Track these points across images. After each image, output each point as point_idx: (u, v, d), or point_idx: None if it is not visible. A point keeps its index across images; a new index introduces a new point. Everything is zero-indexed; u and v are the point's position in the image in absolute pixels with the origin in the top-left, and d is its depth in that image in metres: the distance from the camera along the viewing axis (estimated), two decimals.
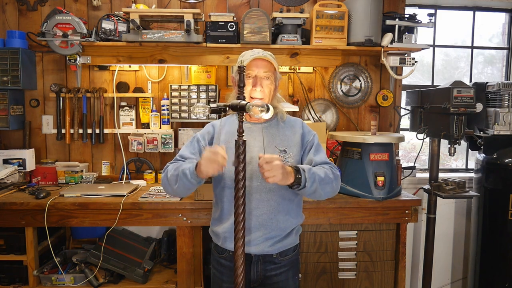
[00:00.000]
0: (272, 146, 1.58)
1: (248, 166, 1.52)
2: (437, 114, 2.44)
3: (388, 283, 2.37)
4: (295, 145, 1.61)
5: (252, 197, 1.55)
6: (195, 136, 1.66)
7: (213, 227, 1.67)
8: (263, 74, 1.55)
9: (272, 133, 1.61)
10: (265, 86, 1.56)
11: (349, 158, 2.38)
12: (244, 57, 1.57)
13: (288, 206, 1.60)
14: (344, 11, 2.48)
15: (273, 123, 1.64)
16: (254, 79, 1.55)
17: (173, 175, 1.50)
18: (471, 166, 3.25)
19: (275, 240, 1.57)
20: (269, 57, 1.56)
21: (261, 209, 1.55)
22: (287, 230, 1.60)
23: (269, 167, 1.34)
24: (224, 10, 2.75)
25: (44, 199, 2.21)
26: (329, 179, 1.52)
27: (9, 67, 2.47)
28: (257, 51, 1.56)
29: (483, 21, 3.22)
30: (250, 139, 1.56)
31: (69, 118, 2.67)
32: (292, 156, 1.59)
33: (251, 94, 1.54)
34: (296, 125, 1.67)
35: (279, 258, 1.61)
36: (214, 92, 2.67)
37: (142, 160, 2.82)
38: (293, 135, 1.63)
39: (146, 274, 2.34)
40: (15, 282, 2.28)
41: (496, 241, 2.63)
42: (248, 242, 1.54)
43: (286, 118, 1.68)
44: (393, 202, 2.29)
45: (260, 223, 1.55)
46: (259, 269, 1.60)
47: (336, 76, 2.87)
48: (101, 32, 2.41)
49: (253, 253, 1.57)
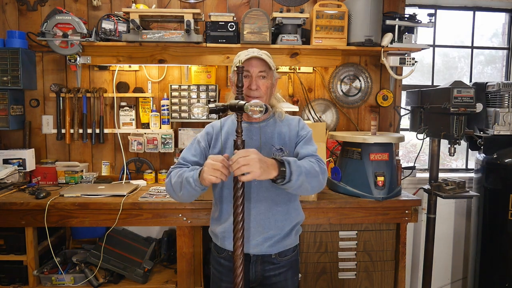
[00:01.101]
0: (268, 145, 1.58)
1: None
2: (437, 114, 2.44)
3: (388, 283, 2.37)
4: (290, 142, 1.60)
5: (250, 196, 1.55)
6: (196, 138, 1.66)
7: (212, 227, 1.68)
8: (258, 73, 1.55)
9: (269, 132, 1.61)
10: (261, 85, 1.55)
11: (349, 158, 2.38)
12: (240, 57, 1.56)
13: (286, 205, 1.60)
14: (344, 11, 2.48)
15: (270, 122, 1.64)
16: (249, 79, 1.55)
17: (177, 182, 1.49)
18: (471, 166, 3.25)
19: (274, 240, 1.57)
20: (264, 56, 1.55)
21: (258, 208, 1.55)
22: (286, 229, 1.60)
23: (244, 162, 1.25)
24: (224, 10, 2.75)
25: (44, 199, 2.21)
26: (315, 172, 1.43)
27: (9, 67, 2.47)
28: (252, 51, 1.56)
29: (483, 21, 3.22)
30: (247, 139, 1.55)
31: (69, 118, 2.67)
32: (288, 154, 1.58)
33: (247, 93, 1.54)
34: (293, 122, 1.66)
35: (278, 258, 1.61)
36: (214, 92, 2.67)
37: (142, 160, 2.82)
38: (289, 132, 1.62)
39: (146, 274, 2.34)
40: (15, 282, 2.28)
41: (496, 241, 2.63)
42: (246, 242, 1.54)
43: (285, 117, 1.67)
44: (393, 202, 2.29)
45: (258, 222, 1.55)
46: (258, 269, 1.60)
47: (336, 76, 2.87)
48: (101, 32, 2.41)
49: (252, 253, 1.57)
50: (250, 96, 1.54)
